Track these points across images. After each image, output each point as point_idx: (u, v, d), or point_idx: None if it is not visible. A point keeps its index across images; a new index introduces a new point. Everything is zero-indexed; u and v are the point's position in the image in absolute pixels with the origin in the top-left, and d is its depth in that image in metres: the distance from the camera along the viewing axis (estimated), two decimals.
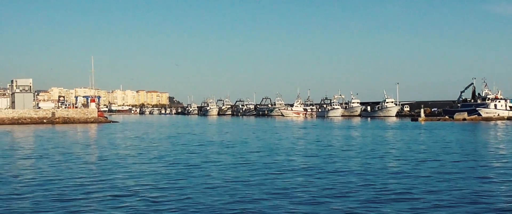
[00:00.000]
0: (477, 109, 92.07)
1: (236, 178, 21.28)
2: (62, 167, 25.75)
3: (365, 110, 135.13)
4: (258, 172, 23.32)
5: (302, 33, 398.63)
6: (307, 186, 19.23)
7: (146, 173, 23.25)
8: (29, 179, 21.75)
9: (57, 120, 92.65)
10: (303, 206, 15.56)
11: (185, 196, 17.24)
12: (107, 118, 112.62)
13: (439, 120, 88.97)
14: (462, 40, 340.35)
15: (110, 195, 17.52)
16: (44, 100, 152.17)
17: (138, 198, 16.99)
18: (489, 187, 18.60)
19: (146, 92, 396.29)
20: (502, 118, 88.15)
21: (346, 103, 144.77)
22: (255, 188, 18.84)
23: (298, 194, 17.47)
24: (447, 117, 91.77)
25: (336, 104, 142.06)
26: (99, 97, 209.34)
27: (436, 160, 27.34)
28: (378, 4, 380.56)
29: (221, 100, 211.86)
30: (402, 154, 31.18)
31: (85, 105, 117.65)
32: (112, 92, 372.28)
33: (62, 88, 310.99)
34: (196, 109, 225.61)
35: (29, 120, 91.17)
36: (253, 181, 20.40)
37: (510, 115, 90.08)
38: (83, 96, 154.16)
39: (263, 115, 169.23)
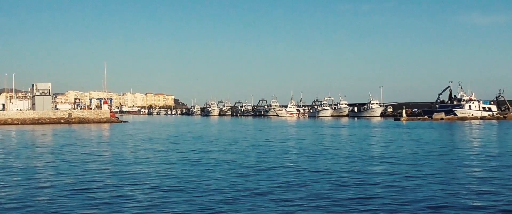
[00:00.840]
0: (453, 109, 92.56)
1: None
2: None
3: (353, 110, 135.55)
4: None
5: (295, 40, 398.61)
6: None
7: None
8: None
9: (73, 120, 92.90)
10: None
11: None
12: (118, 118, 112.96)
13: (419, 119, 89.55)
14: (440, 47, 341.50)
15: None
16: (61, 102, 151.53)
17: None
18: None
19: (154, 94, 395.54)
20: (475, 118, 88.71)
21: (335, 104, 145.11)
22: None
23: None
24: (426, 116, 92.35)
25: (326, 106, 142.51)
26: (111, 99, 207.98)
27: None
28: (364, 14, 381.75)
29: (222, 102, 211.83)
30: (384, 151, 31.73)
31: (99, 107, 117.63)
32: (123, 95, 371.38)
33: (78, 91, 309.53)
34: (199, 110, 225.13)
35: (48, 120, 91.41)
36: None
37: (483, 115, 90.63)
38: (96, 99, 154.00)
39: (260, 115, 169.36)
